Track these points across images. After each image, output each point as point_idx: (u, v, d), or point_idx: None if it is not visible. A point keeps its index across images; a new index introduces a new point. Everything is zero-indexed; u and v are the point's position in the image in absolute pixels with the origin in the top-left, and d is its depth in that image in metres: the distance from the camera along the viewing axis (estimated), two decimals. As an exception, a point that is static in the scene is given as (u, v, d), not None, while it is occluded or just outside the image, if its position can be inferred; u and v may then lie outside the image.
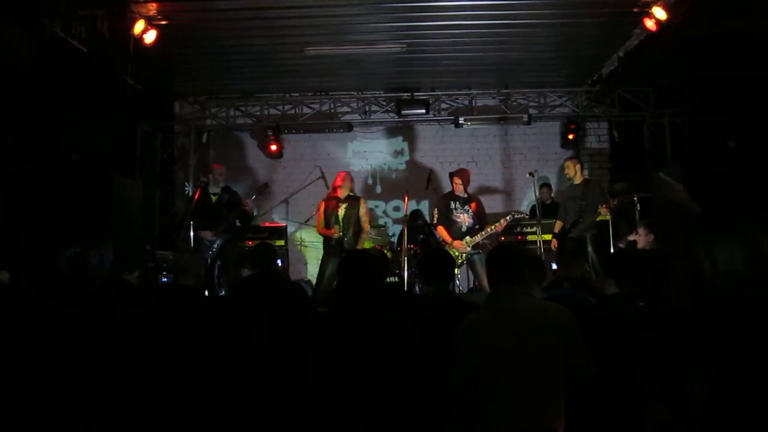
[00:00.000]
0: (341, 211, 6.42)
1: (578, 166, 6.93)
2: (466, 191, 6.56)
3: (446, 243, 6.35)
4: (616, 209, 6.57)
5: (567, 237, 6.59)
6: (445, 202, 6.55)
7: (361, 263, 2.78)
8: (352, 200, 6.54)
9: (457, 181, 6.52)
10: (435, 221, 6.57)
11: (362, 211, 6.52)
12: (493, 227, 6.36)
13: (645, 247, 5.41)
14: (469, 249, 6.32)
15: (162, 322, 3.22)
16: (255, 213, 7.40)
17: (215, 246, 6.39)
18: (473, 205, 6.52)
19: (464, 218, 6.43)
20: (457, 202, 6.49)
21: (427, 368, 2.67)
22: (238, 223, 6.71)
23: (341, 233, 6.28)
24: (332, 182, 6.83)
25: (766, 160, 5.20)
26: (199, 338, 3.17)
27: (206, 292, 5.88)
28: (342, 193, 6.52)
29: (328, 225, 6.44)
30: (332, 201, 6.53)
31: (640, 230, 5.69)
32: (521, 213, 6.91)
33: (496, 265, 2.74)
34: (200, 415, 3.01)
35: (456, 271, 6.27)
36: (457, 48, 7.31)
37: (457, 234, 6.37)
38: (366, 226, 6.53)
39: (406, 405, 2.58)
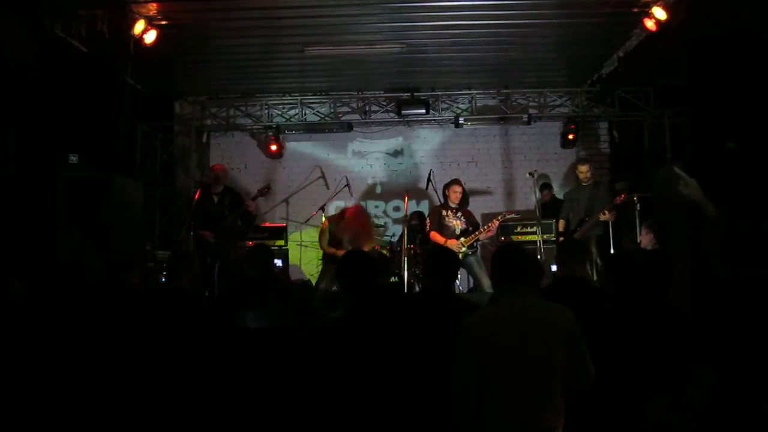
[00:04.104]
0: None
1: (590, 169, 7.04)
2: (461, 199, 6.73)
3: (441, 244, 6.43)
4: (623, 204, 6.64)
5: (570, 237, 6.62)
6: (437, 211, 6.77)
7: (359, 264, 2.78)
8: None
9: (457, 188, 6.71)
10: (428, 229, 6.71)
11: None
12: (485, 228, 6.55)
13: (648, 247, 5.41)
14: (464, 249, 6.43)
15: (157, 323, 3.21)
16: (258, 214, 7.39)
17: (215, 246, 6.39)
18: (465, 212, 6.78)
19: (457, 222, 6.66)
20: (449, 211, 6.70)
21: (429, 367, 2.67)
22: (239, 224, 6.72)
23: None
24: (346, 212, 6.73)
25: (766, 160, 5.20)
26: (197, 339, 3.16)
27: (206, 293, 5.87)
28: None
29: (335, 244, 6.50)
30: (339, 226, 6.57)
31: (643, 229, 5.70)
32: (512, 213, 6.99)
33: (500, 265, 2.75)
34: (200, 415, 3.01)
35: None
36: (457, 48, 7.30)
37: (452, 237, 6.55)
38: (367, 245, 6.58)
39: (407, 403, 2.58)
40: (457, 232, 6.59)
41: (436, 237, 6.58)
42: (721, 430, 2.00)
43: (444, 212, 6.68)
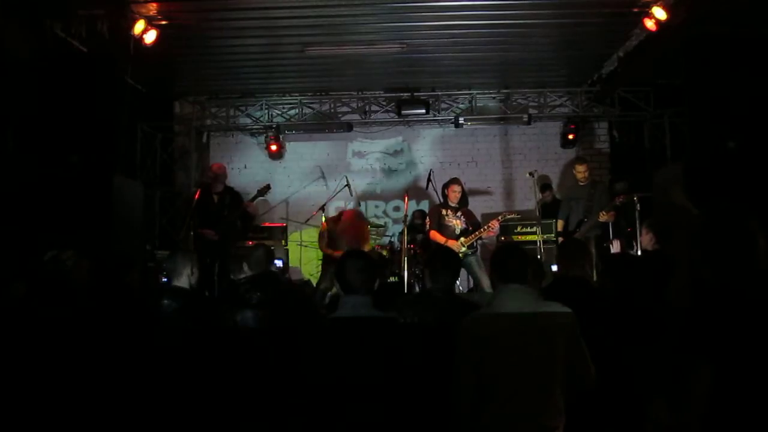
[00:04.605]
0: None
1: (588, 169, 7.02)
2: (461, 199, 6.71)
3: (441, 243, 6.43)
4: (622, 205, 6.64)
5: (571, 237, 6.62)
6: (437, 211, 6.77)
7: (359, 262, 2.78)
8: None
9: (456, 188, 6.71)
10: (428, 228, 6.71)
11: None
12: (485, 228, 6.52)
13: (648, 247, 5.40)
14: (464, 249, 6.43)
15: (157, 323, 3.21)
16: (258, 214, 7.43)
17: (215, 246, 6.38)
18: (464, 211, 6.76)
19: (457, 222, 6.65)
20: (449, 210, 6.70)
21: (429, 367, 2.67)
22: (239, 224, 6.72)
23: None
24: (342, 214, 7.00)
25: (766, 160, 5.20)
26: (197, 338, 3.17)
27: (206, 293, 5.87)
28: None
29: (332, 247, 6.63)
30: (336, 226, 6.72)
31: (643, 229, 5.69)
32: (512, 213, 6.98)
33: (500, 264, 2.75)
34: (200, 415, 3.01)
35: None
36: (457, 48, 7.30)
37: (452, 236, 6.53)
38: (366, 246, 6.70)
39: (407, 403, 2.58)
40: (457, 231, 6.60)
41: (436, 236, 6.58)
42: (720, 430, 2.00)
43: (444, 212, 6.68)
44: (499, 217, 6.68)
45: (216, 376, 3.07)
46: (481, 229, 6.53)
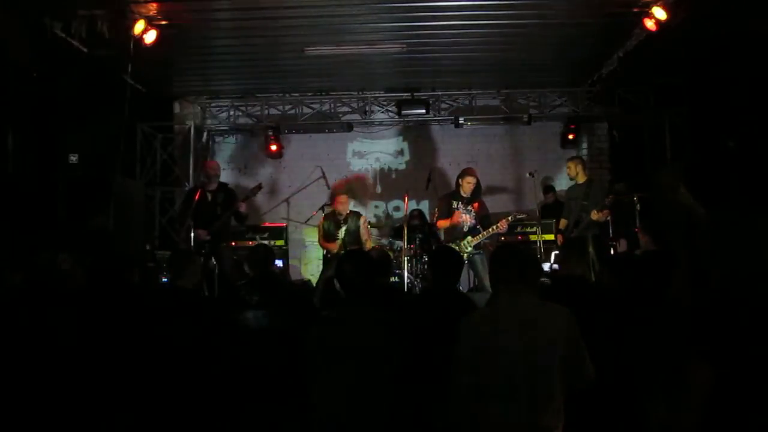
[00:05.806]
0: (342, 231, 6.66)
1: (580, 167, 6.91)
2: (474, 190, 6.56)
3: (449, 228, 6.40)
4: (611, 205, 6.58)
5: (569, 236, 6.60)
6: (447, 201, 6.59)
7: (359, 263, 2.79)
8: (353, 218, 6.79)
9: (470, 179, 6.52)
10: (435, 219, 6.62)
11: (362, 229, 6.71)
12: (494, 227, 6.40)
13: (647, 248, 5.40)
14: (470, 249, 6.35)
15: (160, 323, 3.22)
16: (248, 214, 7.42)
17: (207, 245, 6.38)
18: (476, 204, 6.57)
19: (466, 218, 6.48)
20: (460, 202, 6.53)
21: (430, 366, 2.67)
22: (231, 223, 6.73)
23: (343, 250, 6.40)
24: (332, 201, 7.14)
25: (766, 160, 5.21)
26: (198, 339, 3.17)
27: (206, 293, 5.86)
28: (343, 212, 6.81)
29: (328, 239, 6.71)
30: (333, 219, 6.79)
31: (639, 231, 5.69)
32: (522, 213, 6.90)
33: (499, 265, 2.75)
34: (201, 415, 3.01)
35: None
36: (457, 48, 7.30)
37: (459, 234, 6.42)
38: (367, 245, 6.68)
39: (408, 402, 2.58)
40: (465, 229, 6.45)
41: (442, 224, 6.51)
42: (720, 430, 2.00)
43: (455, 203, 6.51)
44: (509, 217, 6.53)
45: (217, 377, 3.08)
46: (490, 229, 6.41)
